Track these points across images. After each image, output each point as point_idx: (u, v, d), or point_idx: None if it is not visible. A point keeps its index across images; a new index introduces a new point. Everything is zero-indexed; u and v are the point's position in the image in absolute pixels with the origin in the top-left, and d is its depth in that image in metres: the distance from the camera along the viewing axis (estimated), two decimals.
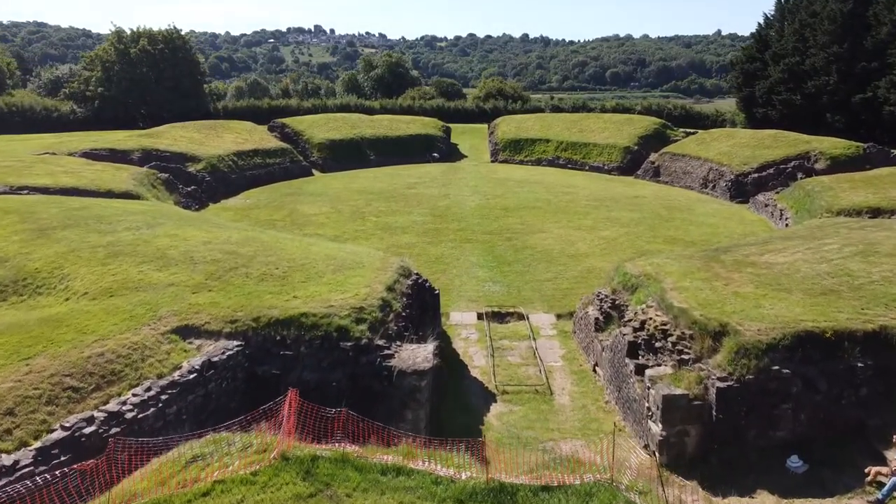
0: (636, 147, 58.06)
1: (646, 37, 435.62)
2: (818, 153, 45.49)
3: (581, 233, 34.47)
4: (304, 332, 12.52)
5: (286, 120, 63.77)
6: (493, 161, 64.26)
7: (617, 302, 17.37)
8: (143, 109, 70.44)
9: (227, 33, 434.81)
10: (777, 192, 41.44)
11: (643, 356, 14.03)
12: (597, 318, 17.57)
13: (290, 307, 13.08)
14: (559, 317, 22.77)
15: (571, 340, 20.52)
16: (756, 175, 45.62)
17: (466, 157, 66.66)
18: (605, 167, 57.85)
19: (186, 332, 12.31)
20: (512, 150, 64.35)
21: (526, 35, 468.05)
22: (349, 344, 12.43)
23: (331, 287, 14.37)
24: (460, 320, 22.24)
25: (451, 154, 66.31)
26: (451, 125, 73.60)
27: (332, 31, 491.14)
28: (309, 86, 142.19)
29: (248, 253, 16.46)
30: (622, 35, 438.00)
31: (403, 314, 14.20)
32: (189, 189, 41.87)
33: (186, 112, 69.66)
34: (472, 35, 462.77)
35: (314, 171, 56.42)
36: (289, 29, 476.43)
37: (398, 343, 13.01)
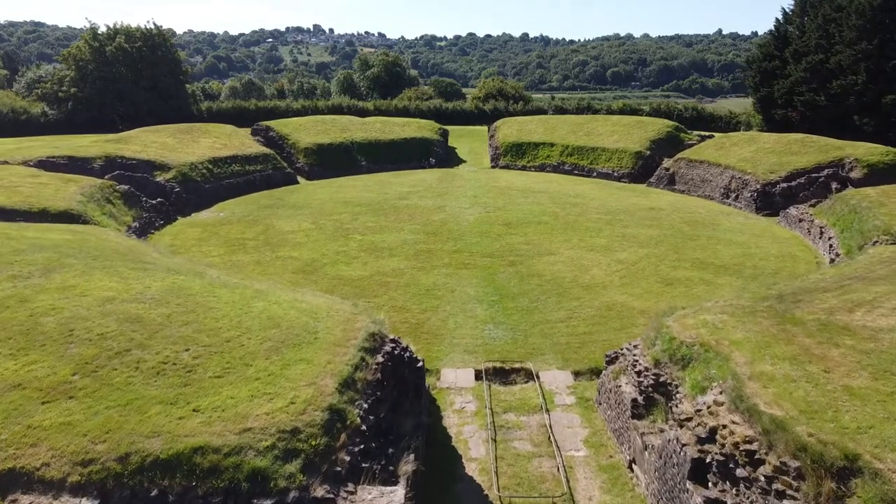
0: (648, 152, 53.65)
1: (646, 36, 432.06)
2: (853, 160, 40.99)
3: (595, 255, 29.98)
4: (197, 481, 7.94)
5: (271, 123, 59.26)
6: (493, 166, 59.81)
7: (662, 379, 12.90)
8: (121, 111, 65.88)
9: (226, 33, 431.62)
10: (812, 206, 36.94)
11: (715, 483, 9.64)
12: (634, 400, 13.08)
13: (182, 433, 8.52)
14: (577, 375, 18.28)
15: (595, 413, 16.02)
16: (785, 185, 41.13)
17: (465, 161, 62.18)
18: (615, 174, 53.42)
19: (9, 482, 7.82)
20: (514, 155, 59.91)
21: (526, 34, 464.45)
22: (269, 502, 7.91)
23: (257, 387, 9.86)
24: (454, 381, 17.74)
25: (448, 159, 61.85)
26: (449, 127, 69.17)
27: (332, 30, 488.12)
28: (305, 86, 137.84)
29: (158, 319, 11.94)
30: (622, 34, 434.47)
31: (363, 427, 9.65)
32: (154, 202, 37.43)
33: (166, 114, 65.44)
34: (471, 34, 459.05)
35: (299, 178, 51.98)
36: (287, 28, 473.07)
37: (349, 488, 8.49)
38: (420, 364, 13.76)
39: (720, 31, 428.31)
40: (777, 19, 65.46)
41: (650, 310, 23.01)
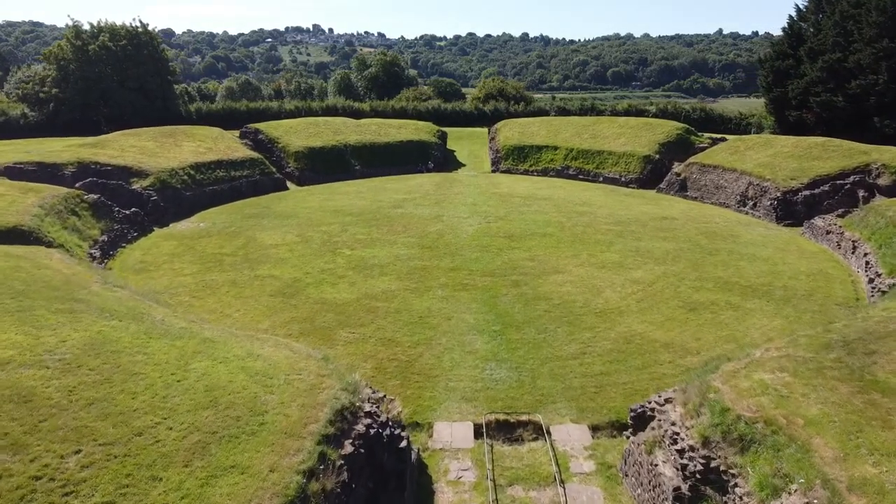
0: (657, 156, 50.80)
1: (647, 36, 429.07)
2: (880, 166, 38.15)
3: (607, 274, 27.11)
4: None
5: (260, 125, 56.36)
6: (493, 170, 56.94)
7: (714, 464, 10.06)
8: (104, 112, 62.95)
9: (225, 33, 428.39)
10: (840, 216, 34.09)
11: None
12: (677, 489, 10.24)
13: None
14: (595, 430, 15.44)
15: (620, 487, 13.18)
16: (807, 192, 38.29)
17: (464, 165, 59.33)
18: (623, 179, 50.57)
19: None
20: (515, 159, 57.03)
21: (526, 34, 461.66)
22: None
23: None
24: (449, 440, 14.88)
25: (446, 162, 58.97)
26: (447, 129, 66.29)
27: (331, 30, 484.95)
28: (302, 86, 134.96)
29: (55, 397, 9.05)
30: (623, 34, 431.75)
31: None
32: (128, 212, 34.54)
33: (153, 115, 62.58)
34: (471, 34, 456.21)
35: (289, 184, 49.14)
36: (287, 28, 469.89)
37: None
38: (404, 443, 10.91)
39: (720, 30, 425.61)
40: (790, 16, 62.65)
41: (675, 343, 20.21)
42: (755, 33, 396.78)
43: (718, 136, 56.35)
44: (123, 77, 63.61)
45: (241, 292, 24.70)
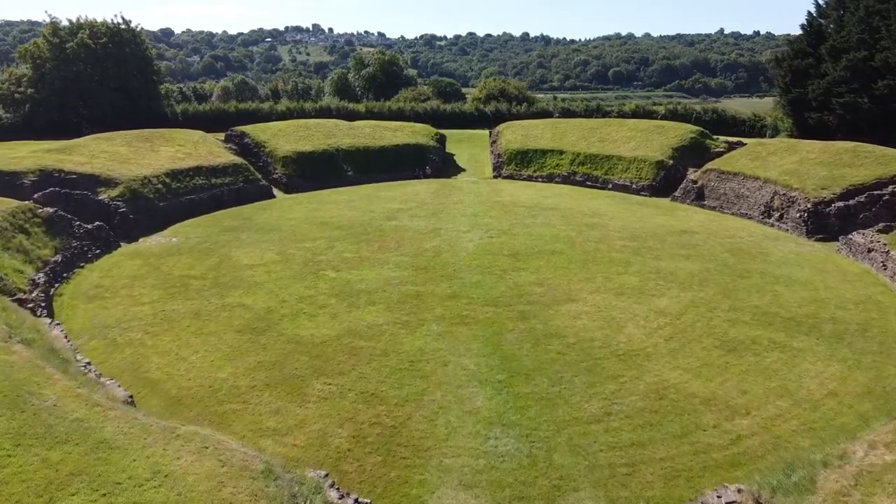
0: (671, 161, 47.27)
1: (648, 35, 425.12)
2: None
3: (627, 302, 23.61)
4: None
5: (246, 128, 52.74)
6: (495, 176, 53.41)
7: None
8: (84, 113, 59.43)
9: (224, 32, 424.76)
10: (882, 232, 30.65)
11: None
12: None
13: None
14: None
15: None
16: (840, 203, 34.79)
17: (464, 170, 55.77)
18: (634, 186, 47.06)
19: None
20: (518, 164, 53.49)
21: (526, 34, 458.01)
22: None
23: None
24: None
25: (445, 167, 55.43)
26: (447, 131, 62.68)
27: (331, 30, 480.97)
28: (300, 86, 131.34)
29: None
30: (623, 34, 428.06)
31: None
32: (91, 227, 31.03)
33: (136, 116, 59.08)
34: (471, 34, 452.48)
35: (276, 191, 45.66)
36: (287, 28, 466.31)
37: None
38: None
39: (722, 30, 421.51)
40: (809, 13, 59.06)
41: (717, 398, 16.72)
42: (756, 33, 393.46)
43: (734, 139, 52.81)
44: (104, 76, 60.07)
45: (203, 327, 21.23)
